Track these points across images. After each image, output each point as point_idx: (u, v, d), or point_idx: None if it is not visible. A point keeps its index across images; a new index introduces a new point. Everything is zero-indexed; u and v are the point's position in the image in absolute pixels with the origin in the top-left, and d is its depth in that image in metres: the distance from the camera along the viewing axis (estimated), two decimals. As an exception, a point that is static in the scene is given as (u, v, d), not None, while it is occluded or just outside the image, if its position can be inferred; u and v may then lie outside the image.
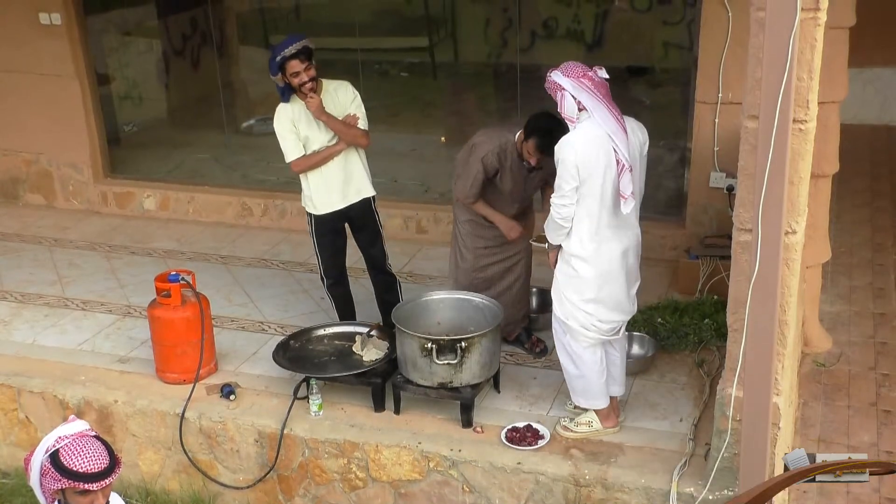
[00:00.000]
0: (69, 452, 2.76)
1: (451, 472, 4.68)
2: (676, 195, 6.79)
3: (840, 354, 5.86)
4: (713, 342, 5.44)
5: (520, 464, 4.57)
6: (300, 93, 5.21)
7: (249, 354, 5.68)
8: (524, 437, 4.70)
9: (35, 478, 2.81)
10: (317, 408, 4.98)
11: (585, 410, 4.75)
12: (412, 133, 7.97)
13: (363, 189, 5.48)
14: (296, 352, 5.30)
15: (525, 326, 5.60)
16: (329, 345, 5.37)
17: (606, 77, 4.32)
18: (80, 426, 2.85)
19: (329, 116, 5.24)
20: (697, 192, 6.37)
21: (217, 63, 8.04)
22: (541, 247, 4.78)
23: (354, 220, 5.55)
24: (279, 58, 5.07)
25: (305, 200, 5.49)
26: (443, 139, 7.93)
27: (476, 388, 4.88)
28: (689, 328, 5.51)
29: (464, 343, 4.71)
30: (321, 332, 5.45)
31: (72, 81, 7.83)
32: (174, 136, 8.58)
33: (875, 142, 9.41)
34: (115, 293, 6.57)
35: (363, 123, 5.37)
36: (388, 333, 5.22)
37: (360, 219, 5.53)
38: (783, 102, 3.42)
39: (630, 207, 4.30)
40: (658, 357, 5.37)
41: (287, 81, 5.18)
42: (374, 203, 5.55)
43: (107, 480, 2.77)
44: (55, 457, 2.75)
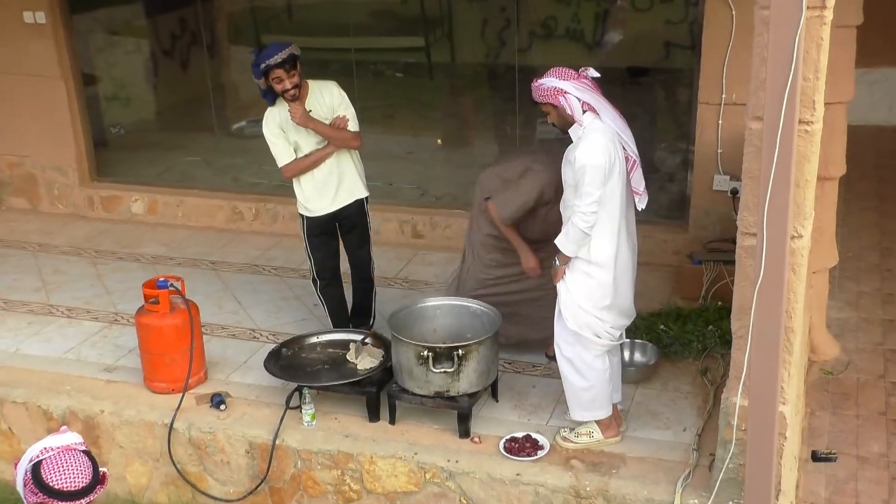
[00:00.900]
0: (50, 467, 2.67)
1: (448, 484, 4.64)
2: (679, 198, 6.79)
3: (848, 362, 5.84)
4: (717, 350, 5.40)
5: (519, 475, 4.53)
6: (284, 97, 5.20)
7: (240, 363, 5.63)
8: (523, 448, 4.66)
9: (20, 485, 2.75)
10: (310, 418, 4.94)
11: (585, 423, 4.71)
12: (408, 135, 7.95)
13: (355, 190, 5.47)
14: (288, 360, 5.26)
15: None
16: (322, 353, 5.33)
17: (596, 76, 4.40)
18: (70, 439, 2.77)
19: (316, 123, 5.21)
20: (701, 196, 6.38)
21: (207, 63, 8.00)
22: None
23: (345, 221, 5.52)
24: (263, 66, 5.06)
25: (298, 203, 5.47)
26: (439, 141, 7.92)
27: (474, 398, 4.84)
28: (693, 335, 5.48)
29: (461, 351, 4.67)
30: (314, 340, 5.41)
31: (57, 82, 7.77)
32: (163, 139, 8.53)
33: (883, 143, 9.42)
34: (102, 300, 6.51)
35: (353, 125, 5.34)
36: (383, 341, 5.19)
37: (351, 220, 5.52)
38: (788, 103, 3.40)
39: (644, 203, 4.37)
40: (660, 365, 5.34)
41: (269, 86, 5.16)
42: (367, 204, 5.53)
43: (84, 500, 2.68)
44: (36, 469, 2.68)
